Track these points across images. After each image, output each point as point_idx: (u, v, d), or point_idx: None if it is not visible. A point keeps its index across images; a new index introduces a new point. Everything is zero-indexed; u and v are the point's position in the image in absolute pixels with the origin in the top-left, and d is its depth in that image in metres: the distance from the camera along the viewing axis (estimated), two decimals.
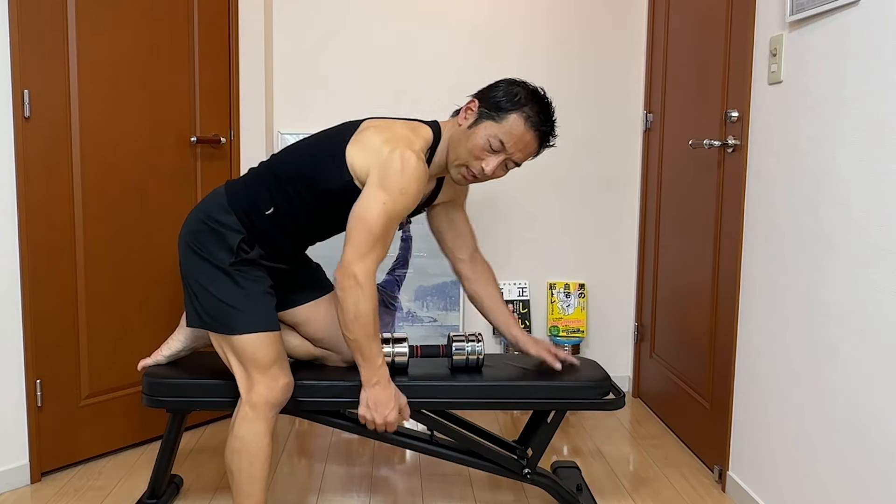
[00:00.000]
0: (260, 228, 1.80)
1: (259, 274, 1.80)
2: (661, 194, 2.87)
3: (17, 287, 2.14)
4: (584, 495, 2.07)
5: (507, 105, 1.74)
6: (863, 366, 1.58)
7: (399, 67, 3.01)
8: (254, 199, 1.79)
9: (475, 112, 1.77)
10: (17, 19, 2.07)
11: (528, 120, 1.74)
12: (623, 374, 3.18)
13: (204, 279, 1.77)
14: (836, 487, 1.68)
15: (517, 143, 1.74)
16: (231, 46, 2.69)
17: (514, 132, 1.73)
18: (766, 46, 2.01)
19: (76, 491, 2.18)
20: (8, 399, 2.15)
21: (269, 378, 1.74)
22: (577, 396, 1.92)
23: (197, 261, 1.78)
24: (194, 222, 1.82)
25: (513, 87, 1.77)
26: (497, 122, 1.74)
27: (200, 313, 1.78)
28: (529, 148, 1.77)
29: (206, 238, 1.78)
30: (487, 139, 1.73)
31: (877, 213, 1.54)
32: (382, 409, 1.73)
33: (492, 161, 1.75)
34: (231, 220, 1.78)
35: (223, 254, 1.76)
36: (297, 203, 1.78)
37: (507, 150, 1.75)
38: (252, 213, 1.79)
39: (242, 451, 1.73)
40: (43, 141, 2.16)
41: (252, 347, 1.73)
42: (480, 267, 2.06)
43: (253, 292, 1.76)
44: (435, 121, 1.87)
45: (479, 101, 1.78)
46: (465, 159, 1.76)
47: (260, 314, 1.75)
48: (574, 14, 3.04)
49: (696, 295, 2.49)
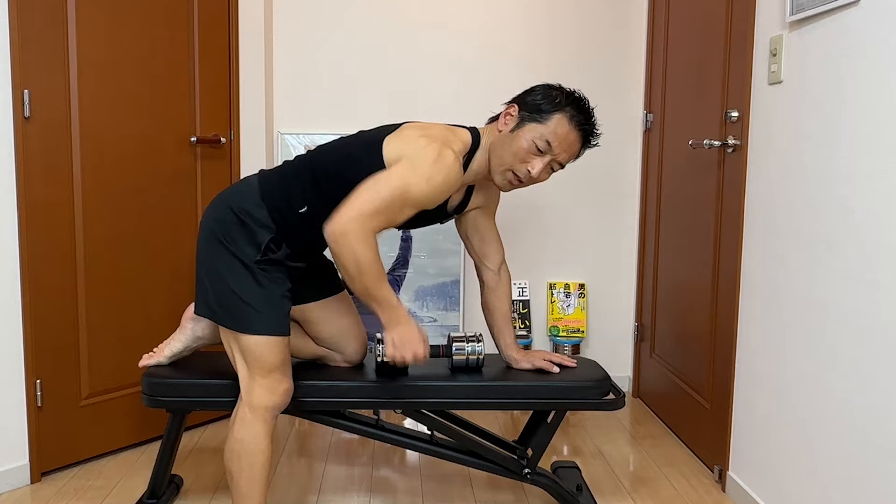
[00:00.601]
0: (291, 225, 1.77)
1: (280, 275, 1.77)
2: (661, 194, 2.87)
3: (17, 287, 2.14)
4: (584, 495, 2.07)
5: (548, 107, 1.75)
6: (863, 366, 1.58)
7: (399, 68, 3.01)
8: (288, 196, 1.76)
9: (516, 116, 1.78)
10: (17, 19, 2.07)
11: (571, 119, 1.75)
12: (623, 374, 3.18)
13: (224, 270, 1.74)
14: (836, 487, 1.68)
15: (562, 142, 1.75)
16: (231, 46, 2.69)
17: (558, 132, 1.74)
18: (766, 46, 2.01)
19: (76, 491, 2.18)
20: (8, 399, 2.15)
21: (270, 381, 1.73)
22: (577, 396, 1.92)
23: (220, 251, 1.75)
24: (222, 210, 1.77)
25: (551, 90, 1.79)
26: (541, 124, 1.74)
27: (211, 303, 1.76)
28: (574, 147, 1.79)
29: (234, 229, 1.75)
30: (533, 141, 1.74)
31: (877, 213, 1.54)
32: (410, 345, 1.67)
33: (538, 163, 1.75)
34: (262, 214, 1.75)
35: (250, 249, 1.73)
36: (330, 201, 1.73)
37: (553, 151, 1.75)
38: (284, 210, 1.76)
39: (241, 452, 1.73)
40: (43, 141, 2.16)
41: (260, 349, 1.72)
42: (504, 280, 2.05)
43: (273, 294, 1.74)
44: (474, 127, 1.86)
45: (518, 105, 1.79)
46: (511, 163, 1.76)
47: (275, 317, 1.73)
48: (574, 14, 3.04)
49: (696, 295, 2.49)
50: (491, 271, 2.04)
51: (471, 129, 1.84)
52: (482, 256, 2.04)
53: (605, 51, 3.06)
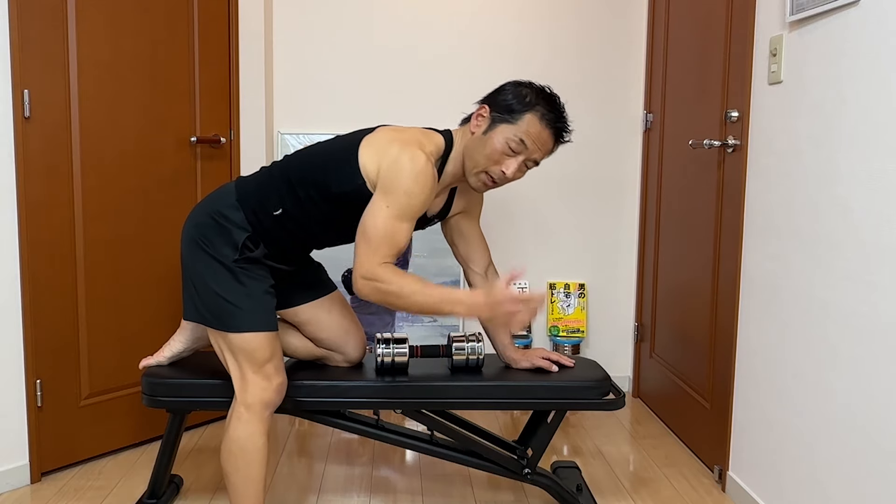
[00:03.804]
0: (266, 228, 1.79)
1: (261, 273, 1.79)
2: (661, 194, 2.87)
3: (18, 287, 2.14)
4: (584, 495, 2.07)
5: (519, 107, 1.74)
6: (862, 366, 1.58)
7: (399, 68, 3.01)
8: (263, 199, 1.79)
9: (487, 118, 1.77)
10: (17, 19, 2.07)
11: (543, 118, 1.75)
12: (623, 374, 3.18)
13: (206, 273, 1.76)
14: (836, 487, 1.68)
15: (535, 141, 1.75)
16: (231, 46, 2.69)
17: (531, 131, 1.74)
18: (766, 46, 2.01)
19: (76, 491, 2.18)
20: (8, 399, 2.15)
21: (263, 377, 1.74)
22: (577, 396, 1.92)
23: (200, 255, 1.77)
24: (200, 216, 1.81)
25: (520, 88, 1.77)
26: (513, 124, 1.74)
27: (199, 307, 1.78)
28: (547, 146, 1.78)
29: (211, 233, 1.77)
30: (506, 142, 1.74)
31: (877, 213, 1.54)
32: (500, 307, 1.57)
33: (512, 164, 1.75)
34: (238, 217, 1.78)
35: (227, 250, 1.76)
36: (307, 206, 1.77)
37: (527, 150, 1.75)
38: (260, 213, 1.78)
39: (238, 452, 1.73)
40: (43, 141, 2.16)
41: (249, 346, 1.73)
42: (492, 281, 2.05)
43: (254, 291, 1.76)
44: (448, 130, 1.86)
45: (489, 106, 1.79)
46: (485, 165, 1.76)
47: (259, 313, 1.75)
48: (574, 14, 3.04)
49: (696, 295, 2.49)
50: (478, 275, 2.04)
51: (444, 132, 1.84)
52: (468, 260, 2.05)
53: (605, 51, 3.06)
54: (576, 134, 3.08)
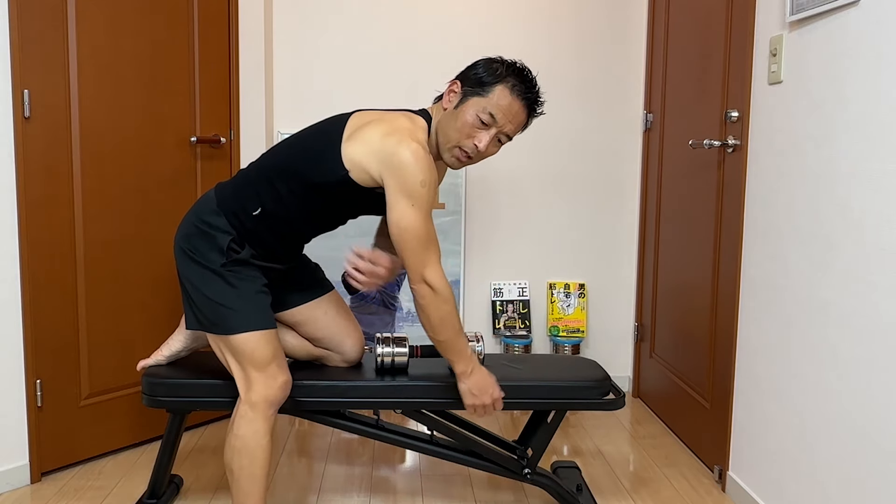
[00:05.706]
0: (249, 229, 1.80)
1: (252, 273, 1.80)
2: (661, 194, 2.87)
3: (17, 287, 2.14)
4: (584, 495, 2.07)
5: (490, 79, 1.74)
6: (862, 366, 1.58)
7: (399, 68, 3.01)
8: (242, 200, 1.80)
9: (459, 93, 1.77)
10: (17, 19, 2.07)
11: (513, 89, 1.74)
12: (623, 374, 3.18)
13: (198, 281, 1.77)
14: (836, 487, 1.68)
15: (506, 113, 1.74)
16: (231, 46, 2.69)
17: (501, 103, 1.73)
18: (766, 46, 2.01)
19: (76, 491, 2.18)
20: (8, 399, 2.15)
21: (266, 376, 1.74)
22: (577, 396, 1.92)
23: (190, 264, 1.79)
24: (186, 226, 1.83)
25: (492, 63, 1.77)
26: (484, 97, 1.73)
27: (198, 315, 1.79)
28: (519, 118, 1.77)
29: (197, 241, 1.79)
30: (476, 115, 1.73)
31: (877, 213, 1.54)
32: (488, 391, 1.79)
33: (484, 136, 1.74)
34: (220, 221, 1.79)
35: (214, 255, 1.77)
36: (286, 200, 1.78)
37: (498, 123, 1.74)
38: (241, 214, 1.79)
39: (242, 449, 1.73)
40: (43, 141, 2.16)
41: (249, 346, 1.73)
42: None
43: (246, 291, 1.77)
44: (424, 109, 1.86)
45: (460, 81, 1.78)
46: (457, 139, 1.75)
47: (254, 312, 1.75)
48: (574, 14, 3.04)
49: (696, 295, 2.49)
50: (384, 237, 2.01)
51: (421, 111, 1.84)
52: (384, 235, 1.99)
53: (605, 51, 3.06)
54: (576, 134, 3.08)
